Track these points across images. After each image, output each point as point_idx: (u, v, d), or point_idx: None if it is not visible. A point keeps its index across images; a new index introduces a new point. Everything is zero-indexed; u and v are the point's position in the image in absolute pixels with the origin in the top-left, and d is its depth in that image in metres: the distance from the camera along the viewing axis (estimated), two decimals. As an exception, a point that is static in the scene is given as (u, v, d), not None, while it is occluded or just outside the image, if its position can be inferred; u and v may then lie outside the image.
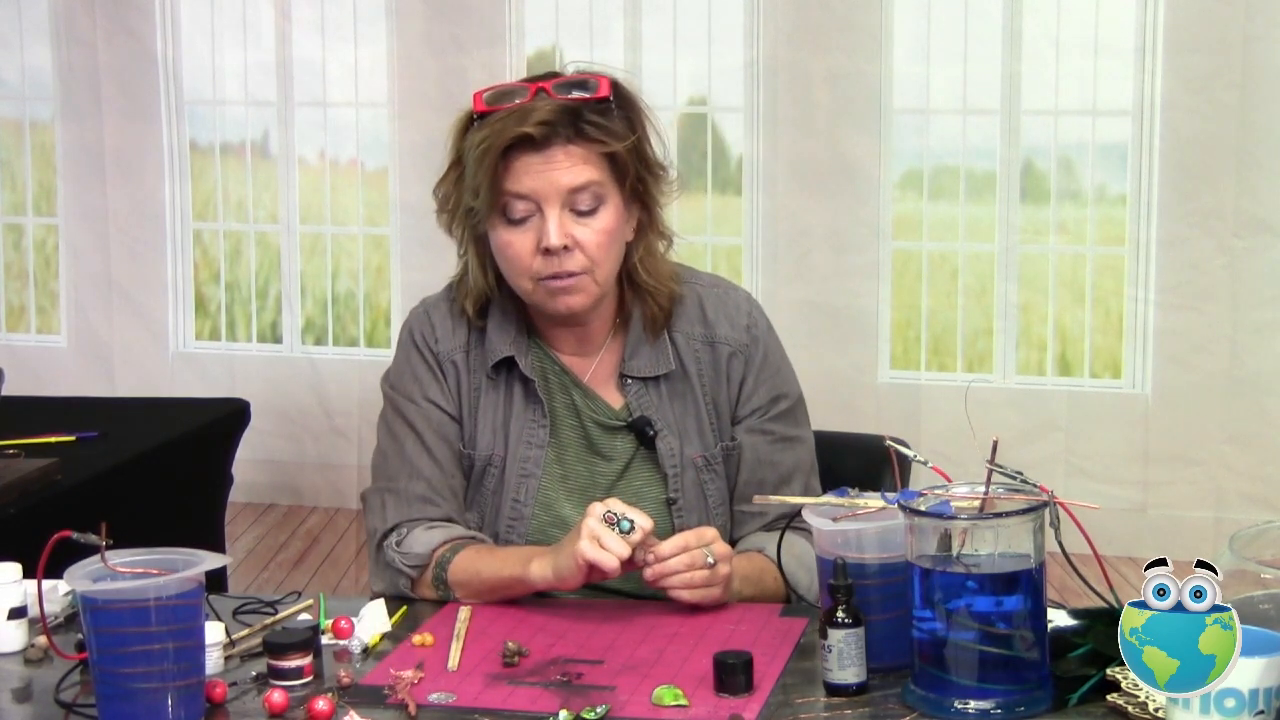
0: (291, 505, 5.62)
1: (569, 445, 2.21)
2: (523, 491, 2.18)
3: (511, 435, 2.19)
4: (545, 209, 2.09)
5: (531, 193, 2.08)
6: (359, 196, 5.63)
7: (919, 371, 5.25)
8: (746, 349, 2.23)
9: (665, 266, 2.22)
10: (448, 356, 2.22)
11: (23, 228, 5.94)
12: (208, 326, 5.80)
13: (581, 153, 2.09)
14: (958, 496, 1.76)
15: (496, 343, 2.20)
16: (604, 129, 2.10)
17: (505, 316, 2.21)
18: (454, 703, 1.77)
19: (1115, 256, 5.08)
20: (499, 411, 2.20)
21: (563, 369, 2.22)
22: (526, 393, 2.20)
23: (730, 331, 2.23)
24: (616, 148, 2.10)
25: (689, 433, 2.20)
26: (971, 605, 1.69)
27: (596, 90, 2.11)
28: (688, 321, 2.23)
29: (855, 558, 1.83)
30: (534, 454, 2.19)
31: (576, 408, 2.21)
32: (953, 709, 1.69)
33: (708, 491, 2.21)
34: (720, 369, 2.22)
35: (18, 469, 3.04)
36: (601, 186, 2.10)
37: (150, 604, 1.67)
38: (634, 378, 2.20)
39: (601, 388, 2.22)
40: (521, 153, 2.08)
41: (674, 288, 2.22)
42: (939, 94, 5.13)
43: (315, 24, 5.54)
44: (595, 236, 2.10)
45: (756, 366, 2.23)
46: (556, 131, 2.07)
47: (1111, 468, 5.02)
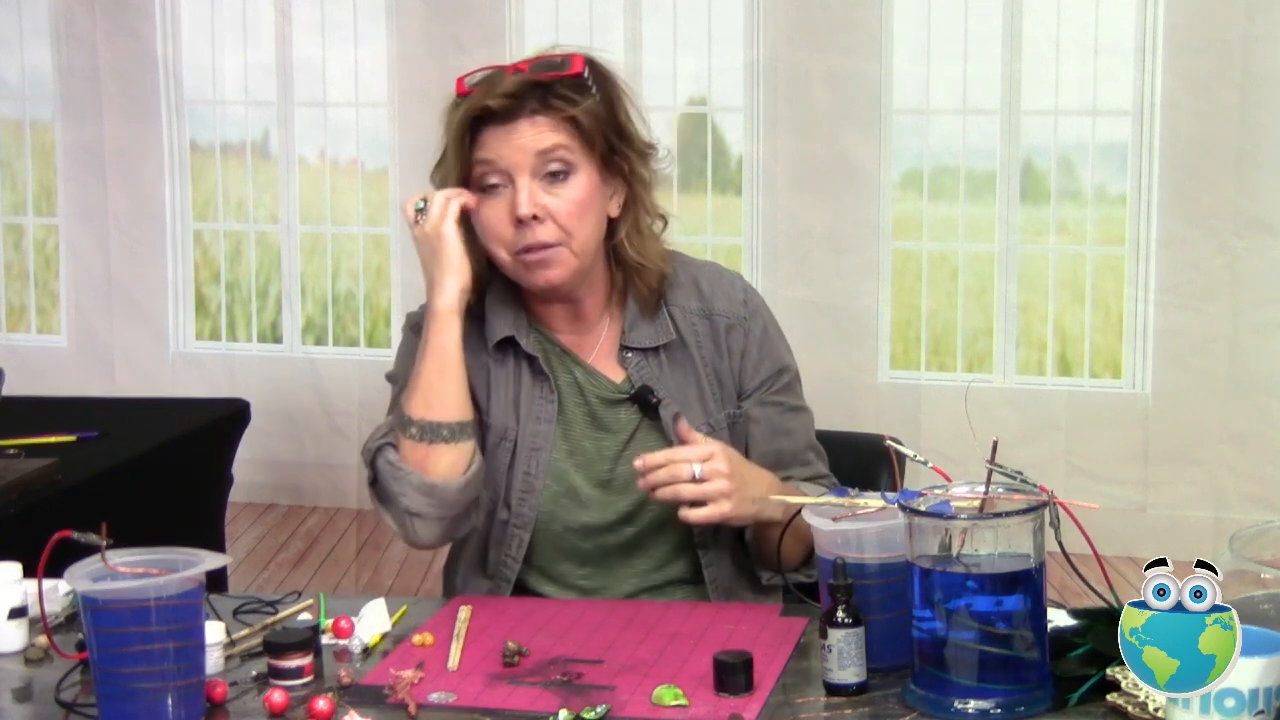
0: (291, 505, 5.62)
1: (574, 422, 2.22)
2: (533, 464, 2.19)
3: (522, 410, 2.21)
4: (516, 178, 2.11)
5: (498, 158, 2.11)
6: (359, 196, 5.64)
7: (919, 371, 5.25)
8: (745, 322, 2.25)
9: (655, 246, 2.23)
10: None
11: (23, 228, 5.94)
12: (208, 326, 5.81)
13: (548, 121, 2.11)
14: (958, 496, 1.76)
15: (496, 324, 2.22)
16: (570, 100, 2.12)
17: (502, 301, 2.23)
18: (454, 703, 1.77)
19: (1115, 256, 5.09)
20: (509, 388, 2.22)
21: (562, 350, 2.23)
22: (532, 369, 2.22)
23: (727, 305, 2.25)
24: (576, 112, 2.11)
25: (690, 401, 2.21)
26: (971, 605, 1.69)
27: (569, 68, 2.13)
28: (684, 296, 2.25)
29: (855, 558, 1.83)
30: (543, 428, 2.20)
31: (579, 384, 2.22)
32: (953, 709, 1.70)
33: None
34: (719, 340, 2.23)
35: (18, 469, 3.04)
36: (569, 152, 2.11)
37: (150, 604, 1.67)
38: (634, 349, 2.22)
39: (602, 364, 2.24)
40: (490, 125, 2.12)
41: (664, 267, 2.23)
42: (939, 94, 5.13)
43: (315, 24, 5.55)
44: (566, 206, 2.11)
45: (757, 340, 2.25)
46: (521, 105, 2.10)
47: (1111, 468, 5.02)
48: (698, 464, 2.02)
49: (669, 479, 2.02)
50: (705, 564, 2.21)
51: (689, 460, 2.03)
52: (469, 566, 2.24)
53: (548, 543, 2.20)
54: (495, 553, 2.21)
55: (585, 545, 2.21)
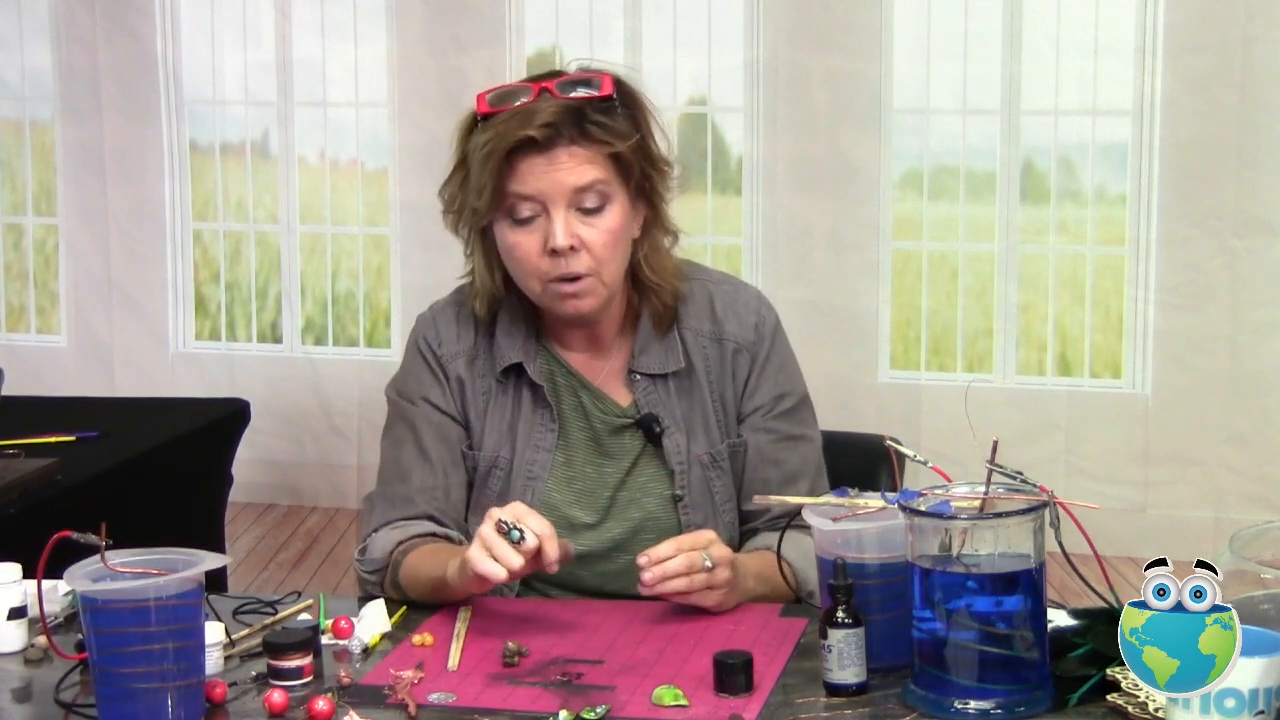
0: (291, 505, 5.62)
1: (577, 448, 2.21)
2: (528, 494, 2.17)
3: (519, 438, 2.19)
4: (551, 210, 2.08)
5: (537, 194, 2.08)
6: (359, 196, 5.64)
7: (919, 371, 5.25)
8: (753, 346, 2.22)
9: (670, 262, 2.22)
10: (451, 360, 2.22)
11: (23, 228, 5.94)
12: (208, 326, 5.81)
13: (586, 153, 2.08)
14: (958, 496, 1.76)
15: (505, 348, 2.20)
16: (608, 129, 2.09)
17: (514, 320, 2.21)
18: (454, 703, 1.77)
19: (1115, 256, 5.09)
20: (507, 415, 2.20)
21: (570, 371, 2.22)
22: (535, 397, 2.20)
23: (738, 329, 2.22)
24: (621, 148, 2.09)
25: (695, 430, 2.20)
26: (971, 605, 1.69)
27: (600, 89, 2.10)
28: (696, 318, 2.22)
29: (855, 558, 1.83)
30: (541, 457, 2.18)
31: (585, 409, 2.21)
32: (953, 709, 1.69)
33: (714, 489, 2.21)
34: (726, 365, 2.21)
35: (18, 469, 3.04)
36: (607, 185, 2.10)
37: (150, 604, 1.67)
38: (642, 374, 2.20)
39: (610, 386, 2.22)
40: (526, 154, 2.07)
41: (679, 285, 2.21)
42: (939, 94, 5.13)
43: (315, 24, 5.55)
44: (601, 236, 2.09)
45: (761, 363, 2.22)
46: (560, 133, 2.06)
47: (1111, 468, 5.02)
48: (705, 552, 1.99)
49: (686, 569, 1.97)
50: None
51: (698, 548, 1.99)
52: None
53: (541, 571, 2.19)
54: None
55: (581, 573, 2.18)
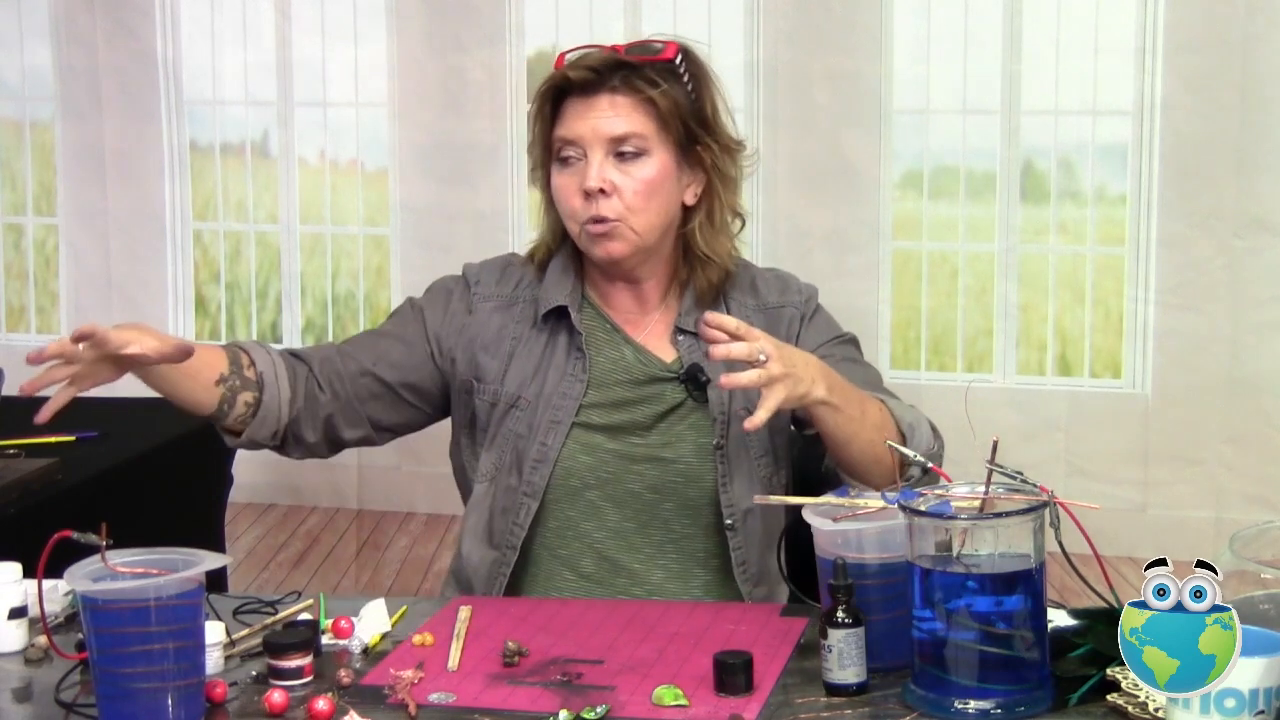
0: (291, 505, 5.62)
1: (613, 396, 2.23)
2: (551, 436, 2.21)
3: (548, 382, 2.23)
4: (590, 153, 2.17)
5: (577, 138, 2.17)
6: (359, 196, 5.63)
7: (919, 371, 5.25)
8: (800, 306, 2.30)
9: (725, 243, 2.27)
10: (482, 300, 2.29)
11: (23, 228, 5.94)
12: (208, 326, 5.80)
13: (627, 102, 2.17)
14: (958, 496, 1.76)
15: (553, 291, 2.26)
16: (651, 83, 2.16)
17: (565, 270, 2.28)
18: (454, 703, 1.77)
19: (1115, 256, 5.08)
20: (535, 358, 2.25)
21: (614, 326, 2.27)
22: (570, 344, 2.24)
23: (782, 298, 2.30)
24: (655, 95, 2.16)
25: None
26: (971, 605, 1.69)
27: (661, 53, 2.19)
28: (741, 293, 2.30)
29: (855, 558, 1.83)
30: (567, 404, 2.22)
31: (625, 363, 2.24)
32: (953, 709, 1.70)
33: (749, 442, 2.23)
34: (774, 330, 2.22)
35: (18, 469, 3.04)
36: (644, 139, 2.17)
37: (150, 604, 1.67)
38: (687, 331, 2.25)
39: (653, 344, 2.27)
40: (572, 100, 2.18)
41: (729, 265, 2.27)
42: (939, 94, 5.13)
43: (315, 24, 5.54)
44: (634, 184, 2.17)
45: (808, 319, 2.29)
46: (602, 79, 2.16)
47: (1111, 468, 5.01)
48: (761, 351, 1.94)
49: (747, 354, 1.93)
50: (734, 546, 2.20)
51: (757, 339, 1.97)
52: (475, 537, 2.26)
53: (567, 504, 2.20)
54: (502, 521, 2.21)
55: (608, 512, 2.21)
